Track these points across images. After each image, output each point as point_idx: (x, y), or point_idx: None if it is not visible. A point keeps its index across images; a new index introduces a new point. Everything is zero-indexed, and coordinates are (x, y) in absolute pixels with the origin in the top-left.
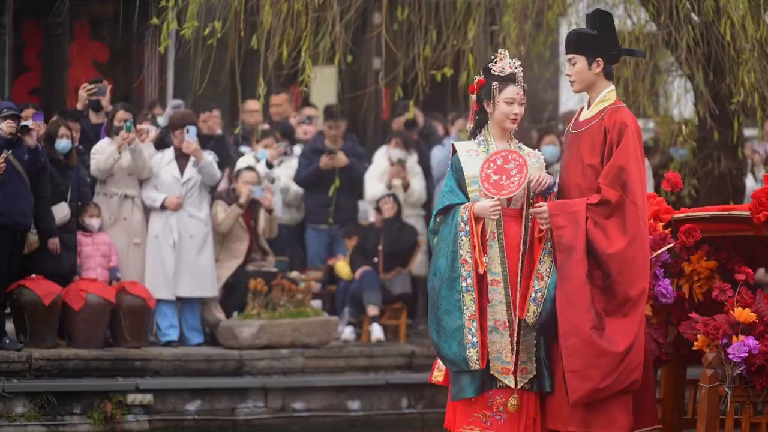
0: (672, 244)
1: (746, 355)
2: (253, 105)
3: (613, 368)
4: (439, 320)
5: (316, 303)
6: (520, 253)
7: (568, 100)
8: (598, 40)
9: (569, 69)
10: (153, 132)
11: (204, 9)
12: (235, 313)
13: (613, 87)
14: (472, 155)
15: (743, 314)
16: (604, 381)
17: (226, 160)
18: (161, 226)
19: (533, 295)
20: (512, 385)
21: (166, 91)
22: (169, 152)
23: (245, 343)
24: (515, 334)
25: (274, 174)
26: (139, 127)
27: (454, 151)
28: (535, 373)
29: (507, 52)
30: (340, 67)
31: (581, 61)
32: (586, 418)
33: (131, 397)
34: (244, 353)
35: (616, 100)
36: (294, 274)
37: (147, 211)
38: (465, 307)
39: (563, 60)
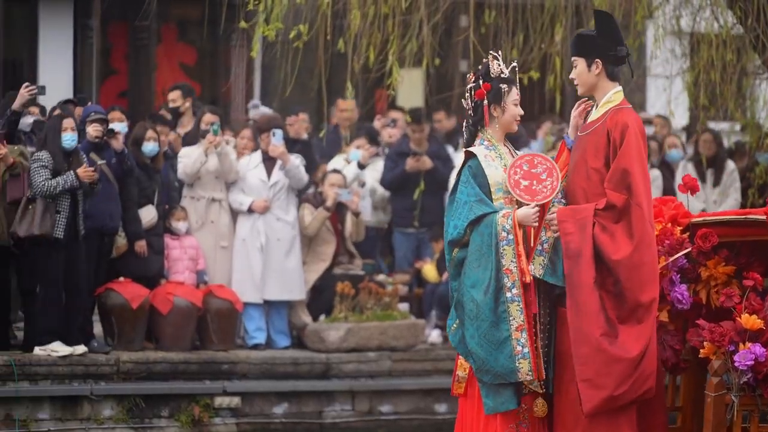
0: (689, 249)
1: (753, 362)
2: (346, 104)
3: (628, 375)
4: (484, 333)
5: (403, 306)
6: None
7: (656, 102)
8: (596, 42)
9: (573, 72)
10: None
11: (291, 12)
12: (322, 317)
13: (619, 88)
14: (489, 161)
15: (750, 321)
16: (619, 388)
17: (313, 164)
18: (248, 229)
19: (539, 247)
20: (539, 390)
21: (252, 95)
22: (257, 155)
23: (332, 346)
24: (536, 337)
25: (364, 176)
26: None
27: (471, 156)
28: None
29: (500, 53)
30: (428, 70)
31: (581, 63)
32: (591, 427)
33: (219, 400)
34: (332, 356)
35: (622, 101)
36: (381, 277)
37: (234, 214)
38: (512, 318)
39: (649, 63)
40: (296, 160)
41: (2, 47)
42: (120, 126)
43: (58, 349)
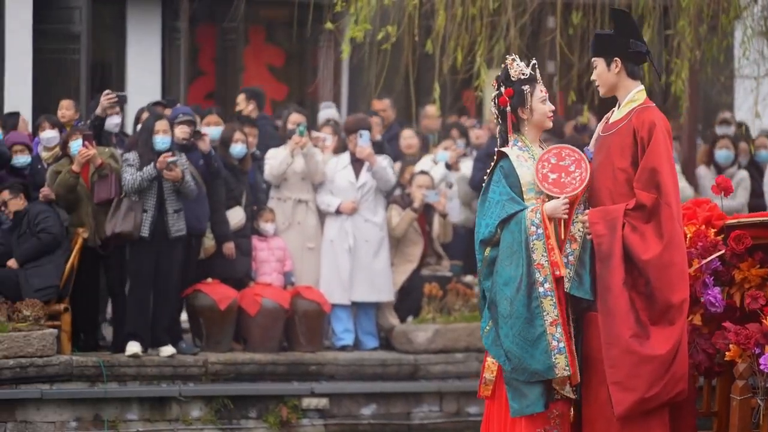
0: (722, 252)
1: None
2: (432, 110)
3: (659, 376)
4: (519, 331)
5: None
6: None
7: (743, 104)
8: (615, 40)
9: (594, 73)
10: (330, 140)
11: (378, 13)
12: (410, 318)
13: (641, 87)
14: (521, 161)
15: None
16: (650, 390)
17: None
18: (336, 230)
19: (565, 259)
20: (572, 396)
21: (340, 96)
22: (345, 157)
23: (420, 348)
24: (570, 340)
25: (451, 177)
26: (315, 134)
27: (503, 156)
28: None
29: (516, 57)
30: None
31: (600, 63)
32: (622, 430)
33: (306, 402)
34: (419, 357)
35: (646, 100)
36: (469, 278)
37: (321, 215)
38: (545, 313)
39: (737, 64)
40: (384, 162)
41: (91, 49)
42: (215, 130)
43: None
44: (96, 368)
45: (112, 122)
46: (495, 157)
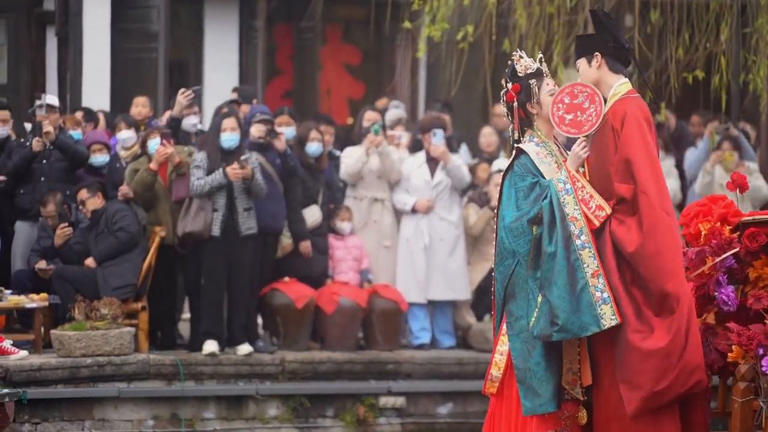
0: (737, 249)
1: None
2: (500, 108)
3: (666, 368)
4: (565, 283)
5: None
6: None
7: None
8: (594, 38)
9: (579, 77)
10: (405, 138)
11: (456, 12)
12: (487, 316)
13: (624, 80)
14: (541, 158)
15: None
16: (659, 384)
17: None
18: (412, 229)
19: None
20: (581, 397)
21: (417, 95)
22: (421, 155)
23: None
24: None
25: None
26: (390, 132)
27: (522, 153)
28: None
29: (523, 52)
30: None
31: (582, 63)
32: (635, 428)
33: (383, 400)
34: None
35: (629, 91)
36: None
37: (397, 214)
38: (585, 265)
39: None
40: (458, 160)
41: (168, 48)
42: (288, 130)
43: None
44: (173, 367)
45: (189, 122)
46: (514, 153)
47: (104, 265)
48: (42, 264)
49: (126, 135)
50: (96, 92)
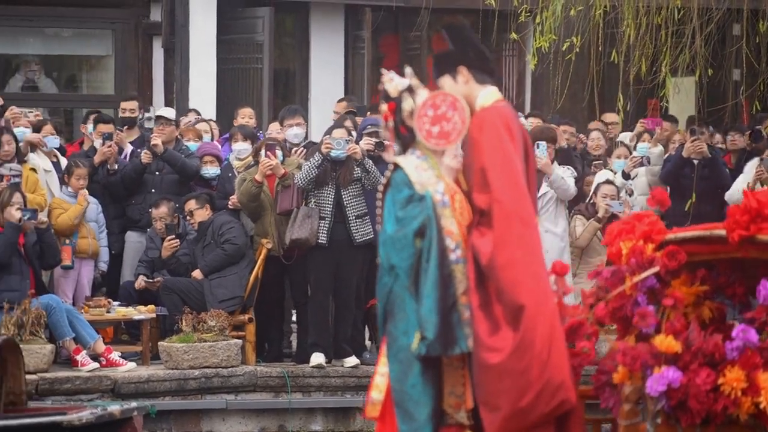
0: (657, 269)
1: (665, 388)
2: (612, 117)
3: (525, 386)
4: (437, 298)
5: None
6: None
7: None
8: (453, 54)
9: None
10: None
11: (563, 24)
12: None
13: (490, 89)
14: (420, 171)
15: (665, 343)
16: (519, 402)
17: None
18: None
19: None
20: (466, 422)
21: (524, 104)
22: None
23: (601, 356)
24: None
25: (630, 185)
26: None
27: (397, 167)
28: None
29: (392, 73)
30: (700, 81)
31: (447, 80)
32: None
33: None
34: None
35: (495, 101)
36: None
37: None
38: (458, 281)
39: None
40: (567, 172)
41: (274, 57)
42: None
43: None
44: (280, 379)
45: (292, 132)
46: (391, 168)
47: (211, 277)
48: (141, 282)
49: (242, 146)
50: (202, 103)
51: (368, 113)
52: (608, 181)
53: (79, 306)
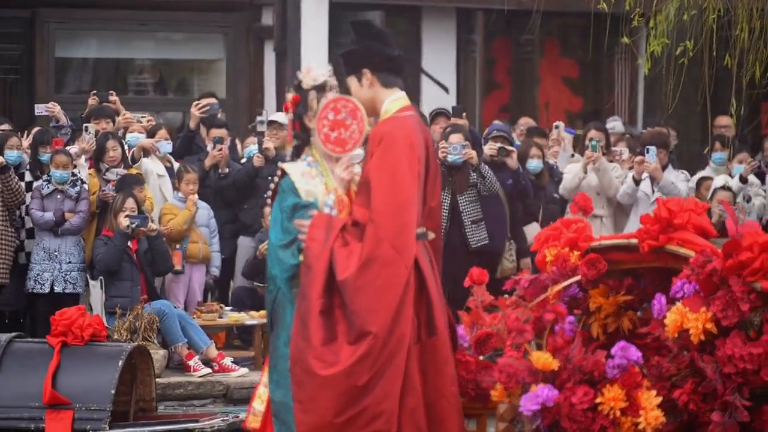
0: (577, 278)
1: (539, 407)
2: (725, 120)
3: (347, 405)
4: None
5: None
6: None
7: None
8: (359, 53)
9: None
10: (626, 153)
11: (676, 28)
12: None
13: (397, 95)
14: (308, 178)
15: (541, 359)
16: (337, 417)
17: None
18: None
19: None
20: None
21: (637, 109)
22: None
23: None
24: None
25: (749, 191)
26: (613, 149)
27: (284, 174)
28: None
29: (315, 65)
30: None
31: (352, 82)
32: None
33: None
34: None
35: (399, 108)
36: None
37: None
38: None
39: None
40: (680, 176)
41: None
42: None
43: None
44: None
45: None
46: (279, 173)
47: None
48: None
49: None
50: None
51: (464, 114)
52: (726, 188)
53: (191, 311)
